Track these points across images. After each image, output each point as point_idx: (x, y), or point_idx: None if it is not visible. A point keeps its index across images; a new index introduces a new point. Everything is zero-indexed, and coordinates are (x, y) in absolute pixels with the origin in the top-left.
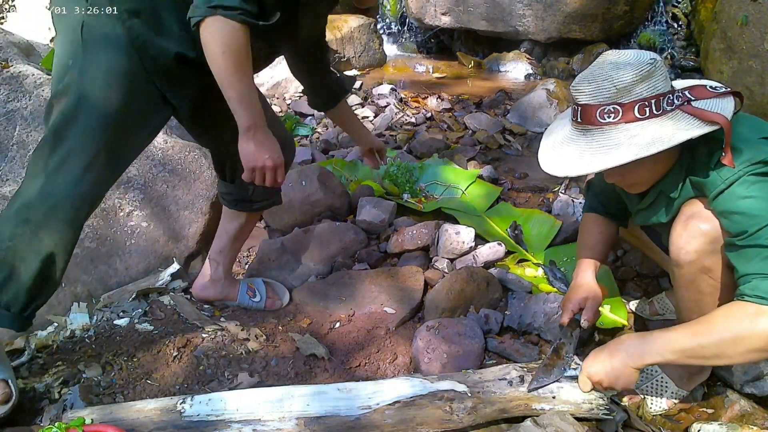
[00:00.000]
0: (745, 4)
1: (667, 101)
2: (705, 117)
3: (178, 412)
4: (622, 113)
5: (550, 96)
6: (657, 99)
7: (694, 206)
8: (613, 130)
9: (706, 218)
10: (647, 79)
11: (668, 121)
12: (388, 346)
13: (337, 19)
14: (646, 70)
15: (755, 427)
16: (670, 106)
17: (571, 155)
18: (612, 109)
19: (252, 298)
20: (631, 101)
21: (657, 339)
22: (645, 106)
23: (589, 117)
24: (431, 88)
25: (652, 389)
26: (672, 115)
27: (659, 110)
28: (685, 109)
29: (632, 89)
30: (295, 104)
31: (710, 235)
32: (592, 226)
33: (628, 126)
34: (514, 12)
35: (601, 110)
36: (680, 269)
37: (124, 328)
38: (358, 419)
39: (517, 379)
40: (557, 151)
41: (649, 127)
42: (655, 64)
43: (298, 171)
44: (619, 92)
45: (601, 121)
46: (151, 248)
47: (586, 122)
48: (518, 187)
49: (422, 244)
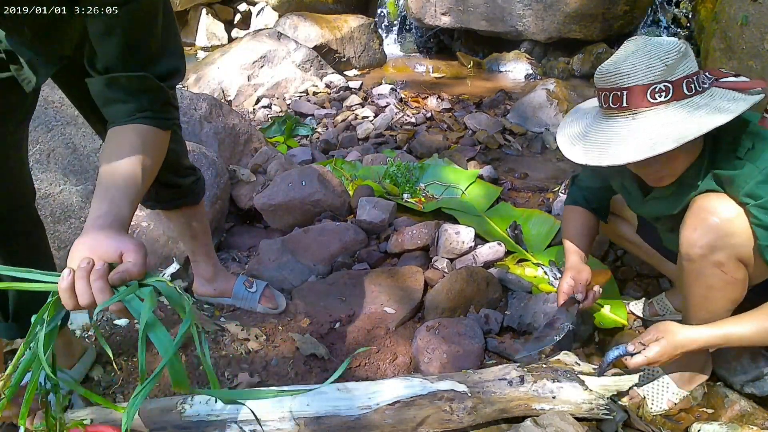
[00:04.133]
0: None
1: (702, 79)
2: (743, 87)
3: (178, 412)
4: (673, 91)
5: (550, 96)
6: (697, 76)
7: (707, 200)
8: (667, 109)
9: (720, 212)
10: (686, 56)
11: (716, 96)
12: (388, 346)
13: (337, 19)
14: (683, 48)
15: (755, 427)
16: (707, 84)
17: (625, 140)
18: (663, 87)
19: (248, 288)
20: (679, 78)
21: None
22: (691, 83)
23: (639, 99)
24: (431, 88)
25: (652, 389)
26: (711, 92)
27: (701, 87)
28: (719, 85)
29: (677, 66)
30: (295, 104)
31: (725, 230)
32: (576, 218)
33: (680, 103)
34: (514, 12)
35: (652, 90)
36: (692, 264)
37: (124, 328)
38: (358, 419)
39: (517, 379)
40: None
41: (700, 103)
42: (686, 43)
43: (298, 171)
44: (669, 69)
45: (652, 101)
46: (151, 248)
47: (634, 105)
48: (518, 187)
49: (422, 244)
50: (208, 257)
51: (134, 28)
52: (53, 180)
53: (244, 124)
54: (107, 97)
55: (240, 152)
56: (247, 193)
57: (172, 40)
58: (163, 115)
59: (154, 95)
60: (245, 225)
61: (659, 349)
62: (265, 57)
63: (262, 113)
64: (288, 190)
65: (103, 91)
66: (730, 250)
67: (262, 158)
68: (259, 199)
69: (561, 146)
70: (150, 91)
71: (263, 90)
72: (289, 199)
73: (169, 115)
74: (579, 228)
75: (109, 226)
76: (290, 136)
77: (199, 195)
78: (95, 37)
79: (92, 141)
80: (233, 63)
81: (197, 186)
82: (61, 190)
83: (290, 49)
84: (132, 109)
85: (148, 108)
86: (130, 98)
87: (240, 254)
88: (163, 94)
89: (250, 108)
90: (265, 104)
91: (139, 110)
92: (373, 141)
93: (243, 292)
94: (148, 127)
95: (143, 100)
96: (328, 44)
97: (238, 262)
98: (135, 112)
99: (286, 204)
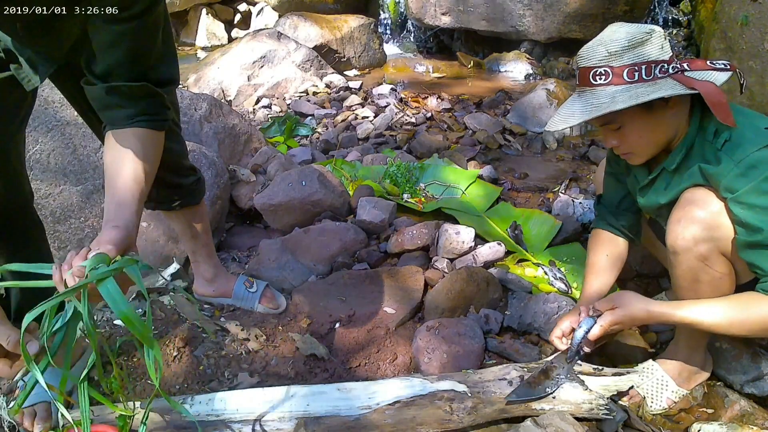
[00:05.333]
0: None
1: (660, 69)
2: (687, 83)
3: (178, 412)
4: (612, 76)
5: (550, 96)
6: (648, 65)
7: (693, 193)
8: (603, 91)
9: (705, 205)
10: (639, 46)
11: (654, 86)
12: (388, 346)
13: (338, 19)
14: (640, 38)
15: (755, 427)
16: (663, 74)
17: (566, 112)
18: (603, 71)
19: (248, 288)
20: (621, 65)
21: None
22: (634, 71)
23: (584, 79)
24: (431, 88)
25: (652, 389)
26: (662, 82)
27: (649, 76)
28: (675, 77)
29: (623, 54)
30: (295, 104)
31: (707, 222)
32: (600, 246)
33: (617, 88)
34: (514, 12)
35: (593, 72)
36: (677, 257)
37: (124, 328)
38: (358, 419)
39: (517, 379)
40: (558, 112)
41: (633, 89)
42: (652, 34)
43: (298, 171)
44: (611, 56)
45: (593, 83)
46: (151, 248)
47: (582, 84)
48: (518, 187)
49: (422, 244)
50: (209, 257)
51: (139, 40)
52: (53, 180)
53: (244, 124)
54: (106, 102)
55: (240, 152)
56: (247, 193)
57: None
58: (159, 116)
59: (152, 100)
60: (245, 225)
61: (612, 317)
62: (265, 57)
63: (262, 113)
64: (288, 190)
65: (103, 97)
66: (713, 243)
67: (262, 158)
68: (259, 199)
69: None
70: (149, 96)
71: (263, 90)
72: (289, 199)
73: (165, 116)
74: (602, 259)
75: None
76: (290, 136)
77: (199, 195)
78: (101, 47)
79: (92, 141)
80: (233, 63)
81: (198, 186)
82: (61, 190)
83: (290, 49)
84: (131, 114)
85: (146, 112)
86: (129, 103)
87: (240, 254)
88: (160, 98)
89: (250, 108)
90: (265, 104)
91: (138, 114)
92: (373, 141)
93: (243, 292)
94: (146, 129)
95: (142, 105)
96: (328, 44)
97: (238, 262)
98: (134, 116)
99: (286, 204)
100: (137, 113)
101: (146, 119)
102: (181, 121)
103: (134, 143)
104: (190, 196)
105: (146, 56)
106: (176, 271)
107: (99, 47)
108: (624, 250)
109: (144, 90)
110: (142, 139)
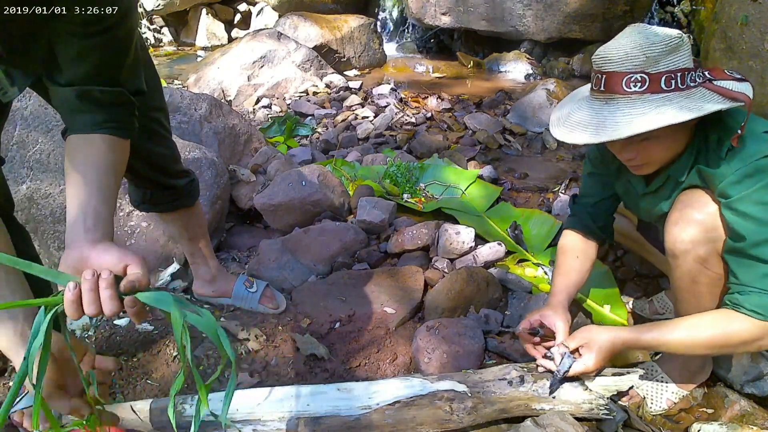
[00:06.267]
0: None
1: (691, 78)
2: (728, 94)
3: (178, 412)
4: (648, 83)
5: (550, 96)
6: (683, 73)
7: (690, 195)
8: (639, 99)
9: (702, 207)
10: (675, 51)
11: (694, 96)
12: (388, 346)
13: (338, 19)
14: (675, 43)
15: (755, 427)
16: (694, 83)
17: (592, 123)
18: (639, 78)
19: (248, 288)
20: (659, 72)
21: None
22: (671, 79)
23: (615, 85)
24: (431, 88)
25: (652, 389)
26: (696, 91)
27: (684, 85)
28: (708, 87)
29: (660, 60)
30: (295, 104)
31: (706, 224)
32: (570, 249)
33: (653, 97)
34: (514, 12)
35: (627, 78)
36: (676, 260)
37: (124, 328)
38: (358, 419)
39: (517, 379)
40: (574, 119)
41: (674, 99)
42: (683, 38)
43: (298, 171)
44: (648, 61)
45: (627, 90)
46: (151, 248)
47: (611, 91)
48: (518, 187)
49: (422, 244)
50: (208, 258)
51: (108, 53)
52: (53, 180)
53: (244, 124)
54: (76, 107)
55: (240, 152)
56: (247, 193)
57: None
58: (126, 125)
59: (124, 108)
60: (245, 225)
61: (591, 362)
62: (265, 57)
63: (262, 113)
64: (288, 190)
65: (72, 101)
66: (712, 245)
67: (262, 158)
68: (259, 199)
69: (550, 124)
70: (122, 104)
71: (263, 90)
72: (289, 199)
73: (133, 125)
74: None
75: (100, 240)
76: (290, 136)
77: (194, 196)
78: (66, 58)
79: None
80: (233, 63)
81: (192, 187)
82: (61, 190)
83: (290, 49)
84: (100, 120)
85: (115, 119)
86: (100, 110)
87: (240, 254)
88: (132, 107)
89: (250, 108)
90: (265, 104)
91: (106, 121)
92: (373, 141)
93: (243, 293)
94: (113, 137)
95: (114, 112)
96: (328, 44)
97: (238, 262)
98: (101, 123)
99: (286, 204)
100: (105, 120)
101: (115, 126)
102: (181, 121)
103: (105, 149)
104: (185, 198)
105: (115, 67)
106: (176, 271)
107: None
108: (595, 251)
109: (119, 97)
110: (111, 146)
